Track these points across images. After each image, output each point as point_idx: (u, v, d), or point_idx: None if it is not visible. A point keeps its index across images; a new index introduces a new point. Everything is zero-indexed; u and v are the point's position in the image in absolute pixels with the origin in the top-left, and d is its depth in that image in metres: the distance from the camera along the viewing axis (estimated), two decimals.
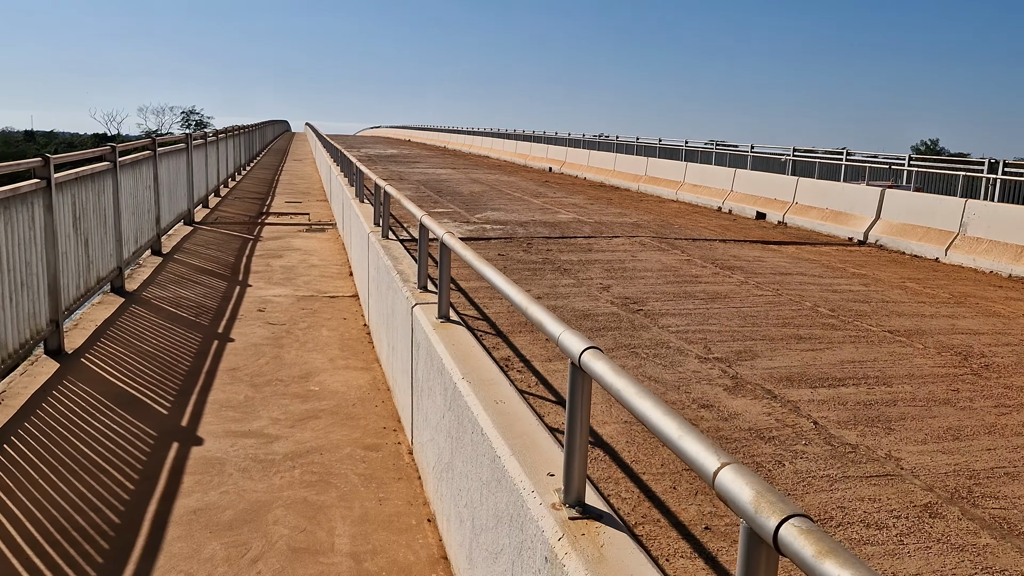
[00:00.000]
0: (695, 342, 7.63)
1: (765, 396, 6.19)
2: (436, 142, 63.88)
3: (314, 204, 17.02)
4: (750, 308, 9.14)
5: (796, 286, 10.53)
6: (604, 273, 10.94)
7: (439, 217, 16.18)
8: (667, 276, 10.87)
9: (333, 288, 8.36)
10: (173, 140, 11.58)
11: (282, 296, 7.82)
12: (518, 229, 14.93)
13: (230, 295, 7.76)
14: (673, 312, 8.81)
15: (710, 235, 15.33)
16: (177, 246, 10.34)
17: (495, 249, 12.59)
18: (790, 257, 13.06)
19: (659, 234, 14.95)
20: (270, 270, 9.03)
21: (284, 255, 10.08)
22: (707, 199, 21.18)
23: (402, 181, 25.42)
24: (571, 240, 13.84)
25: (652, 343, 7.55)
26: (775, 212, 18.22)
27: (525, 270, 10.94)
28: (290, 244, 11.05)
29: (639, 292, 9.79)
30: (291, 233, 12.21)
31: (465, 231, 14.47)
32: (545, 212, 17.86)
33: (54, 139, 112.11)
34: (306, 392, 5.10)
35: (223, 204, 16.11)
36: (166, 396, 5.08)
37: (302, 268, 9.28)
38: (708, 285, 10.35)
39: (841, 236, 15.90)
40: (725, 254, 12.97)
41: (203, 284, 8.21)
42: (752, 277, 10.98)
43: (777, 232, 16.39)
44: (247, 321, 6.84)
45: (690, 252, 12.97)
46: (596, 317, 8.48)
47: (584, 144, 35.10)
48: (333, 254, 10.50)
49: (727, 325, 8.33)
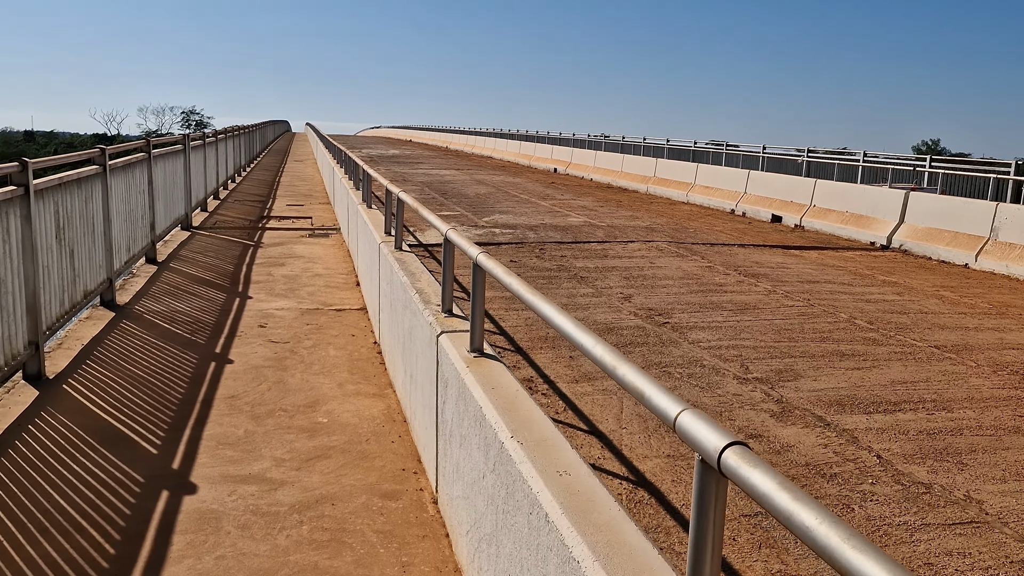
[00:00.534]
0: (730, 360, 7.07)
1: (817, 424, 5.63)
2: (438, 142, 63.33)
3: (316, 207, 16.46)
4: (783, 320, 8.58)
5: (827, 295, 9.97)
6: (623, 281, 10.39)
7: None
8: (690, 285, 10.32)
9: (339, 300, 7.80)
10: (169, 141, 11.02)
11: (285, 309, 7.26)
12: (528, 233, 14.37)
13: (229, 308, 7.20)
14: (702, 325, 8.25)
15: (728, 239, 14.78)
16: (173, 253, 9.76)
17: (506, 255, 12.04)
18: (814, 263, 12.51)
19: (675, 239, 14.40)
20: (272, 280, 8.47)
21: (286, 263, 9.51)
22: (719, 201, 20.63)
23: (406, 183, 24.86)
24: (585, 245, 13.28)
25: (685, 361, 6.99)
26: (792, 215, 17.66)
27: (540, 278, 10.38)
28: (292, 251, 10.47)
29: (663, 303, 9.24)
30: (293, 239, 11.64)
31: (474, 235, 13.92)
32: (555, 215, 17.31)
33: (54, 139, 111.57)
34: (313, 425, 4.56)
35: (222, 207, 15.54)
36: (156, 431, 4.52)
37: (306, 278, 8.71)
38: (735, 295, 9.79)
39: (863, 240, 15.34)
40: (747, 260, 12.42)
41: (200, 296, 7.64)
42: (779, 285, 10.42)
43: (796, 236, 15.83)
44: (247, 339, 6.29)
45: (710, 258, 12.41)
46: (621, 331, 7.92)
47: (589, 144, 34.57)
48: (338, 262, 9.93)
49: (761, 340, 7.77)
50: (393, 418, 4.63)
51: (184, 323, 6.77)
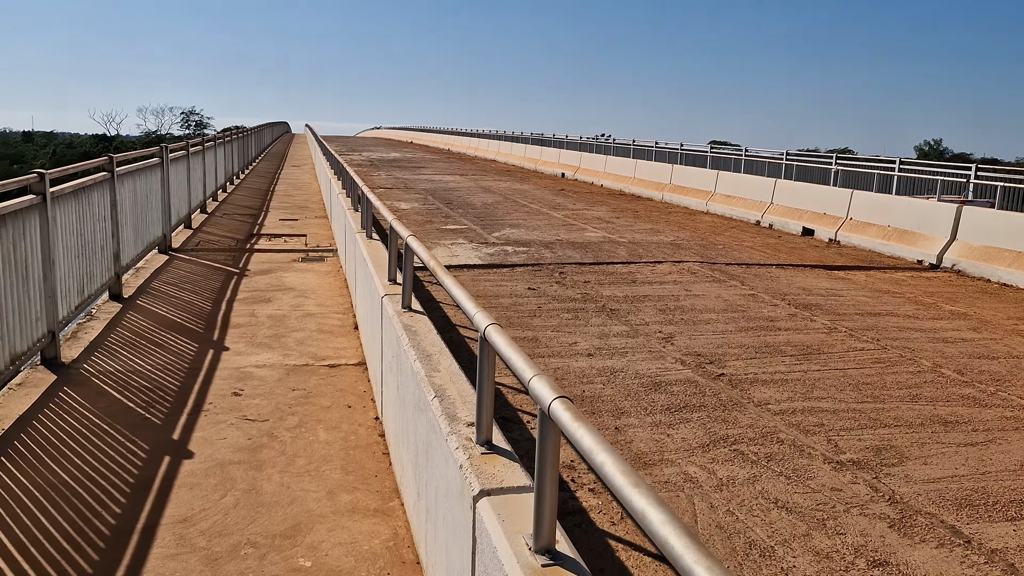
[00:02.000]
0: (812, 431, 5.77)
1: (953, 540, 4.32)
2: (440, 145, 62.00)
3: (312, 221, 15.15)
4: (857, 370, 7.29)
5: (896, 333, 8.67)
6: (659, 315, 9.09)
7: (453, 236, 14.34)
8: (736, 319, 9.02)
9: (333, 351, 6.50)
10: (142, 155, 9.74)
11: (267, 367, 5.96)
12: (544, 252, 13.08)
13: (199, 366, 5.90)
14: (764, 378, 6.95)
15: (761, 258, 13.47)
16: (144, 286, 8.46)
17: (523, 280, 10.74)
18: (867, 289, 11.20)
19: (705, 258, 13.10)
20: (255, 322, 7.16)
21: (273, 298, 8.20)
22: (743, 212, 19.32)
23: (408, 190, 23.57)
24: (609, 268, 11.98)
25: (756, 433, 5.69)
26: (825, 228, 16.35)
27: (565, 311, 9.09)
28: (282, 280, 9.16)
29: (711, 345, 7.94)
30: (284, 263, 10.32)
31: (484, 254, 12.64)
32: (570, 229, 16.01)
33: (53, 140, 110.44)
34: (291, 575, 3.26)
35: (210, 222, 14.21)
36: None
37: (295, 318, 7.41)
38: (791, 333, 8.49)
39: (908, 258, 14.03)
40: (791, 285, 11.11)
41: (167, 347, 6.34)
42: (838, 320, 9.12)
43: (834, 253, 14.53)
44: (216, 416, 5.00)
45: (750, 283, 11.11)
46: (670, 387, 6.63)
47: (597, 148, 33.26)
48: (333, 295, 8.65)
49: (840, 400, 6.48)
50: (402, 557, 3.35)
51: (140, 390, 5.47)
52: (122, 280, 8.03)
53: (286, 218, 15.31)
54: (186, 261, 10.35)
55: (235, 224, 14.23)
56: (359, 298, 6.93)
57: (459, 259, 12.23)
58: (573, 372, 6.96)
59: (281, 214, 16.13)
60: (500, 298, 9.70)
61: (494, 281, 10.72)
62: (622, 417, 5.98)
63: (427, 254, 4.07)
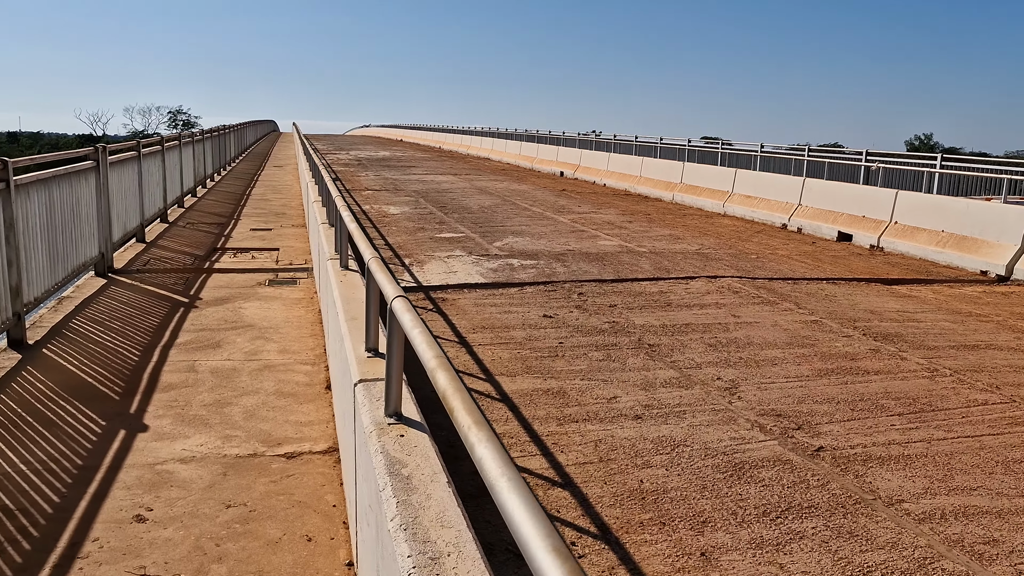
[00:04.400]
0: (986, 554, 3.99)
1: None
2: (430, 142, 60.06)
3: (288, 232, 13.26)
4: (994, 437, 5.52)
5: (1012, 376, 6.91)
6: (710, 352, 7.31)
7: (448, 246, 12.51)
8: (808, 358, 7.24)
9: (295, 428, 4.65)
10: (69, 158, 7.89)
11: (196, 459, 4.12)
12: (556, 266, 11.27)
13: (97, 462, 4.06)
14: (877, 452, 5.18)
15: (804, 270, 11.71)
16: (60, 326, 6.56)
17: (536, 304, 8.93)
18: (942, 310, 9.43)
19: (742, 271, 11.32)
20: (193, 381, 5.31)
21: (224, 342, 6.31)
22: (765, 214, 17.56)
23: (398, 191, 21.74)
24: (635, 287, 10.17)
25: (912, 564, 3.91)
26: (865, 233, 14.60)
27: (593, 348, 7.30)
28: (240, 314, 7.27)
29: (790, 399, 6.16)
30: (246, 288, 8.44)
31: (486, 270, 10.82)
32: (580, 236, 14.20)
33: (40, 140, 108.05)
34: None
35: (168, 234, 12.30)
36: None
37: (248, 373, 5.55)
38: (884, 378, 6.71)
39: (969, 268, 12.29)
40: (854, 307, 9.34)
41: (57, 429, 4.49)
42: (933, 357, 7.35)
43: (882, 263, 12.77)
44: (95, 570, 3.18)
45: (806, 304, 9.33)
46: (757, 473, 4.84)
47: (596, 146, 31.45)
48: (303, 334, 6.78)
49: (999, 492, 4.71)
50: None
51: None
52: (24, 321, 6.17)
53: (258, 228, 13.43)
54: (127, 286, 8.47)
55: (197, 236, 12.34)
56: (332, 356, 5.08)
57: (457, 276, 10.41)
58: (622, 447, 5.16)
59: (253, 222, 14.25)
60: (511, 330, 7.90)
61: (501, 306, 8.91)
62: (706, 531, 4.18)
63: (417, 331, 2.26)
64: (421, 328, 2.24)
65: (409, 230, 14.41)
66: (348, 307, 4.13)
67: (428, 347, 2.09)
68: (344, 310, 4.09)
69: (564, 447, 5.17)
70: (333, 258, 5.63)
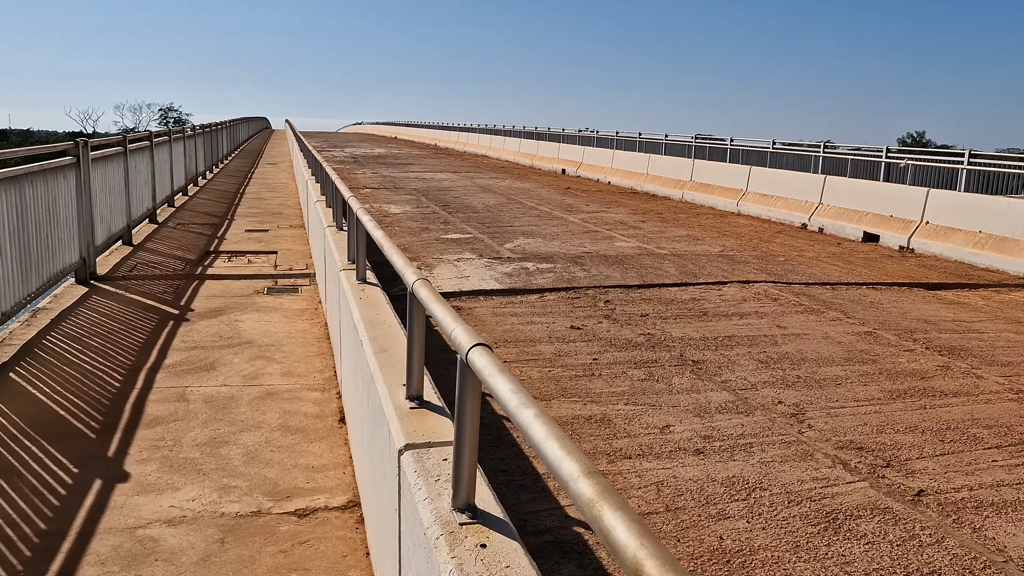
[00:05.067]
0: None
1: None
2: (426, 140, 59.16)
3: (285, 233, 12.44)
4: None
5: None
6: (763, 370, 6.55)
7: (457, 248, 11.73)
8: (874, 376, 6.49)
9: (306, 474, 3.86)
10: (44, 153, 7.05)
11: (187, 521, 3.33)
12: (575, 270, 10.50)
13: (64, 528, 3.28)
14: (988, 498, 4.44)
15: (838, 273, 10.97)
16: (31, 344, 5.71)
17: (560, 314, 8.16)
18: (1000, 318, 8.70)
19: (774, 275, 10.57)
20: (184, 414, 4.50)
21: (220, 363, 5.49)
22: (783, 213, 16.82)
23: (397, 190, 20.92)
24: (663, 293, 9.41)
25: None
26: (894, 234, 13.87)
27: (631, 365, 6.53)
28: (237, 328, 6.45)
29: (867, 427, 5.41)
30: (243, 297, 7.61)
31: (500, 274, 10.04)
32: (595, 237, 13.42)
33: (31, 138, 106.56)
34: None
35: (157, 236, 11.47)
36: None
37: (248, 403, 4.74)
38: (965, 401, 5.97)
39: (1012, 272, 11.57)
40: (904, 315, 8.60)
41: (22, 479, 3.68)
42: (1012, 376, 6.62)
43: (917, 265, 12.05)
44: None
45: (853, 313, 8.59)
46: (856, 527, 4.09)
47: (598, 142, 30.64)
48: (309, 351, 5.97)
49: None
50: None
51: None
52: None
53: (254, 229, 12.61)
54: (110, 296, 7.65)
55: (189, 238, 11.51)
56: (350, 391, 4.28)
57: (471, 281, 9.62)
58: (689, 492, 4.39)
59: (249, 222, 13.43)
60: (538, 343, 7.12)
61: (523, 316, 8.13)
62: None
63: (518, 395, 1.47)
64: (535, 410, 1.46)
65: (413, 231, 13.62)
66: (374, 333, 3.35)
67: (565, 450, 1.30)
68: (370, 337, 3.31)
69: (623, 492, 4.39)
70: (347, 269, 4.82)
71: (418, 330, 2.54)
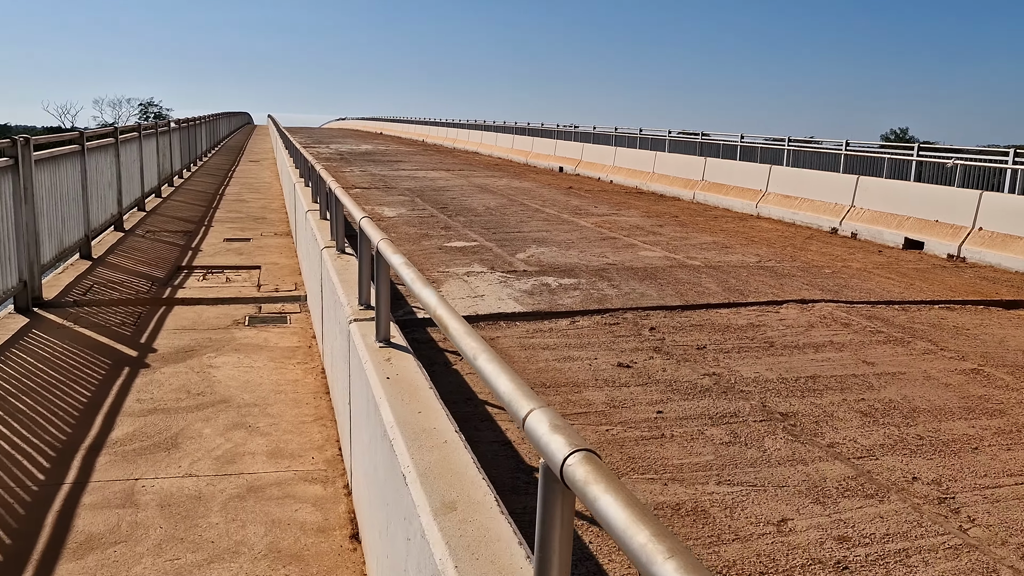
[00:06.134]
0: None
1: None
2: (412, 135, 57.57)
3: (270, 242, 10.99)
4: None
5: None
6: (873, 428, 5.26)
7: (464, 259, 10.35)
8: (1010, 433, 5.22)
9: None
10: None
11: None
12: (602, 286, 9.15)
13: None
14: None
15: (898, 289, 9.70)
16: None
17: (601, 347, 6.82)
18: None
19: (829, 292, 9.28)
20: (130, 525, 3.09)
21: (185, 434, 4.06)
22: (809, 216, 15.56)
23: (389, 190, 19.49)
24: (712, 315, 8.08)
25: None
26: (941, 241, 12.63)
27: (707, 421, 5.22)
28: (210, 379, 5.03)
29: None
30: (220, 329, 6.20)
31: (519, 292, 8.69)
32: (614, 245, 12.09)
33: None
34: None
35: (122, 246, 10.03)
36: None
37: (221, 507, 3.31)
38: None
39: None
40: (1000, 344, 7.33)
41: None
42: None
43: (976, 277, 10.80)
44: None
45: (944, 343, 7.30)
46: None
47: (596, 139, 29.32)
48: (303, 418, 4.57)
49: None
50: None
51: None
52: None
53: (233, 237, 11.16)
54: (54, 330, 6.21)
55: (159, 249, 10.06)
56: (366, 492, 2.90)
57: (487, 301, 8.25)
58: None
59: (228, 230, 11.97)
60: (583, 389, 5.78)
61: (556, 348, 6.77)
62: None
63: None
64: None
65: (412, 237, 12.23)
66: (424, 461, 1.99)
67: None
68: (418, 472, 1.95)
69: None
70: (360, 319, 3.44)
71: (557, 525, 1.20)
